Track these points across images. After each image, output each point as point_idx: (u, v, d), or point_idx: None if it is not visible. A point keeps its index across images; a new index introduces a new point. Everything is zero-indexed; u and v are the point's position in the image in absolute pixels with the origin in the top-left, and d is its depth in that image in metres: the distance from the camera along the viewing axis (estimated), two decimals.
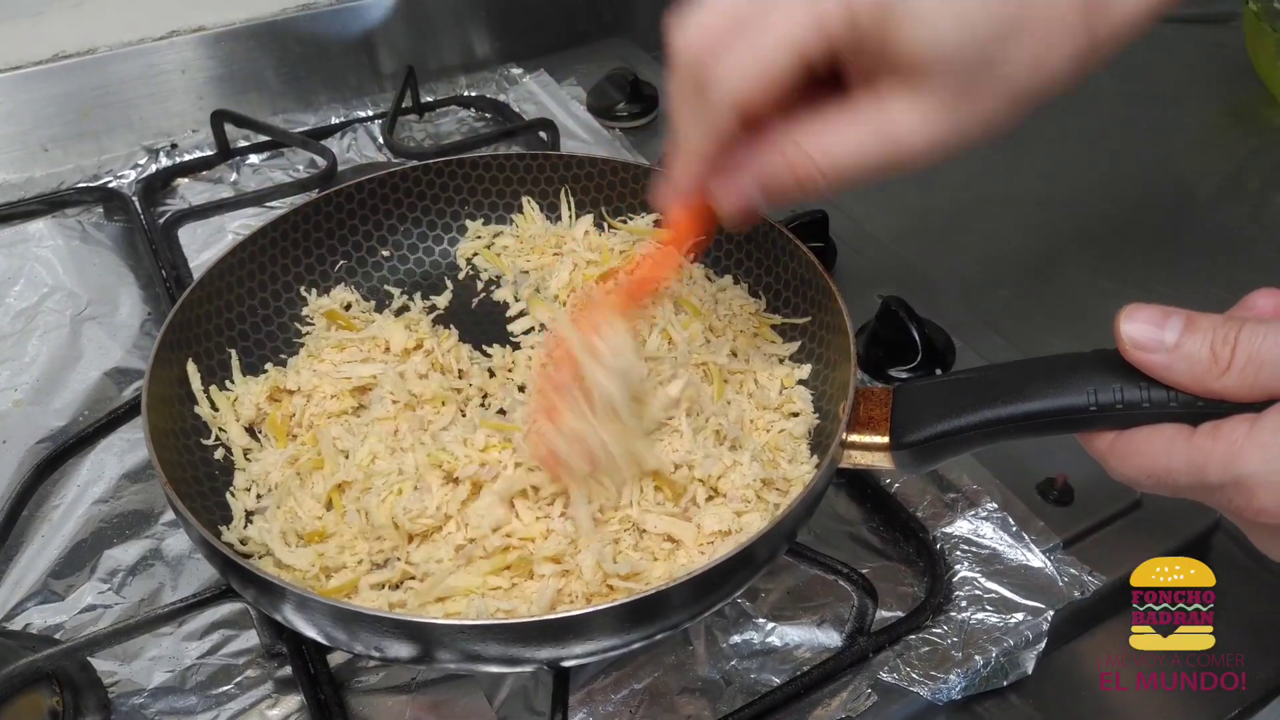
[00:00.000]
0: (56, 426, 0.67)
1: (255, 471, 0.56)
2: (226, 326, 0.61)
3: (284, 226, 0.64)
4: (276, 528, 0.52)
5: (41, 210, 0.86)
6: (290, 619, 0.45)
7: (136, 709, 0.53)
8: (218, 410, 0.58)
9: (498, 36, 1.06)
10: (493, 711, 0.53)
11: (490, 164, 0.71)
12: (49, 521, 0.62)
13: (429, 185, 0.70)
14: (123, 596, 0.58)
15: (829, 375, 0.59)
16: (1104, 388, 0.42)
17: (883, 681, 0.53)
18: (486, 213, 0.72)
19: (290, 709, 0.53)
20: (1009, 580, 0.57)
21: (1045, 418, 0.44)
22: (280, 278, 0.65)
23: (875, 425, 0.48)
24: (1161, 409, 0.41)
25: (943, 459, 0.48)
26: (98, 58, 0.92)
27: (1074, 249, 0.87)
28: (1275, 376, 0.38)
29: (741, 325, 0.62)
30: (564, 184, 0.71)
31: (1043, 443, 0.64)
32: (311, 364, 0.61)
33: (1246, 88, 1.06)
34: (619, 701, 0.53)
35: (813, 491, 0.47)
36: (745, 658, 0.55)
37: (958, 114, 0.41)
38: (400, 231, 0.70)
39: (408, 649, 0.43)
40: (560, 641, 0.43)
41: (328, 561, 0.50)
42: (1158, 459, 0.41)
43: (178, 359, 0.57)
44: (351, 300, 0.67)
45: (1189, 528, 0.61)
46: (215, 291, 0.61)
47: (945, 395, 0.47)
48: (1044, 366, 0.45)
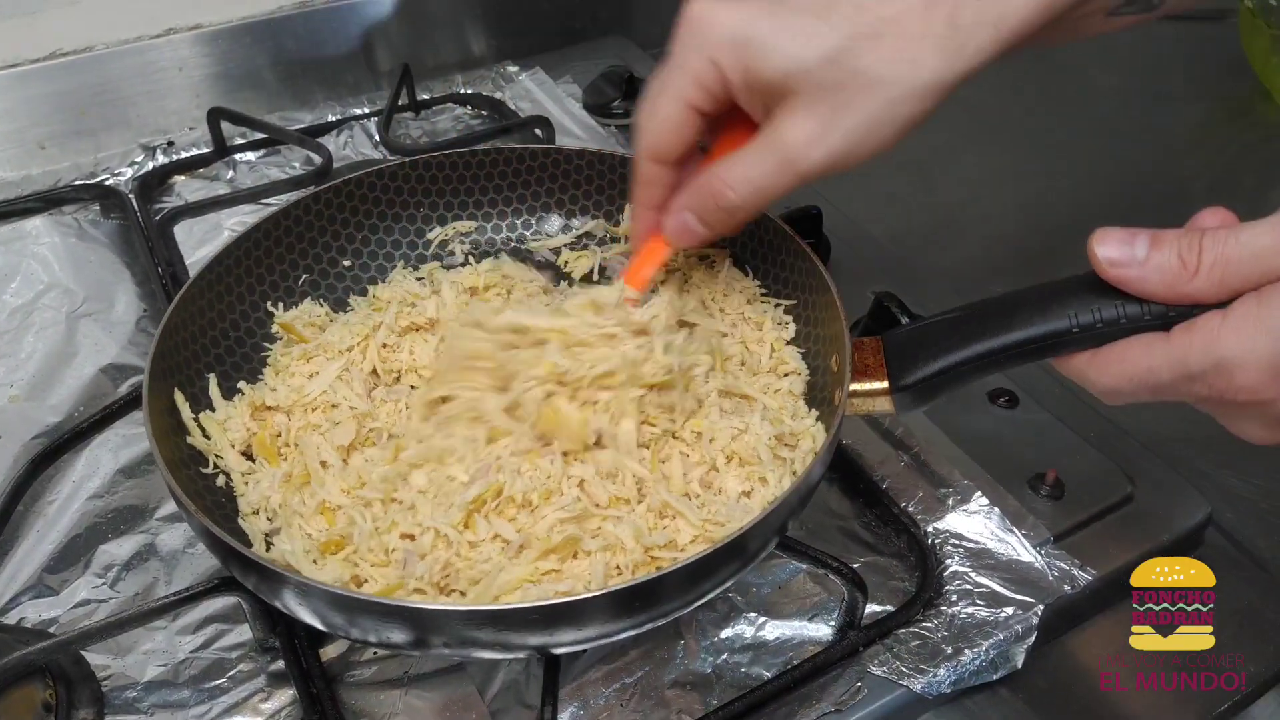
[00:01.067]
0: (52, 422, 0.68)
1: (254, 497, 0.54)
2: (203, 352, 0.59)
3: (245, 245, 0.62)
4: (297, 547, 0.51)
5: (38, 208, 0.86)
6: (290, 606, 0.45)
7: (130, 702, 0.53)
8: (209, 438, 0.56)
9: (494, 34, 1.07)
10: (484, 705, 0.53)
11: (470, 161, 0.70)
12: (44, 516, 0.62)
13: (384, 190, 0.68)
14: (117, 591, 0.59)
15: (815, 333, 0.60)
16: (1083, 310, 0.46)
17: (873, 675, 0.53)
18: (472, 210, 0.71)
19: (283, 703, 0.53)
20: (999, 575, 0.57)
21: (1032, 344, 0.48)
22: (247, 297, 0.63)
23: (873, 372, 0.51)
24: (1136, 322, 0.45)
25: (940, 395, 0.51)
26: (95, 55, 0.92)
27: (1068, 245, 0.86)
28: (1240, 274, 0.42)
29: (735, 299, 0.64)
30: (554, 180, 0.70)
31: (1034, 439, 0.65)
32: (283, 380, 0.60)
33: (1241, 84, 1.06)
34: (610, 695, 0.53)
35: (830, 442, 0.49)
36: (736, 652, 0.55)
37: (840, 123, 0.47)
38: (359, 240, 0.68)
39: (405, 634, 0.44)
40: (553, 628, 0.44)
41: (356, 571, 0.50)
42: (1139, 362, 0.45)
43: (164, 389, 0.55)
44: (321, 312, 0.65)
45: (1181, 521, 0.61)
46: (189, 317, 0.58)
47: (936, 335, 0.51)
48: (1024, 298, 0.49)
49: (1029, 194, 0.95)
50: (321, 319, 0.64)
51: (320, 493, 0.53)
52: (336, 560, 0.50)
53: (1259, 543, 0.62)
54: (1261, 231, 0.43)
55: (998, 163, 0.99)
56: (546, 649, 0.47)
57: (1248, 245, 0.42)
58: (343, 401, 0.58)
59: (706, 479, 0.53)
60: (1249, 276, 0.42)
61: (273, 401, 0.58)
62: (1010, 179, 0.97)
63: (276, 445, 0.57)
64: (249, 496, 0.54)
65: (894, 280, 0.75)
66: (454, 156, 0.69)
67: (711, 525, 0.50)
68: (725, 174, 0.50)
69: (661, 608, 0.45)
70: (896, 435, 0.65)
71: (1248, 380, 0.42)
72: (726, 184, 0.50)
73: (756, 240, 0.65)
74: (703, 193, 0.51)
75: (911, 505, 0.61)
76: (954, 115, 1.06)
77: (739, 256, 0.66)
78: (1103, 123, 1.03)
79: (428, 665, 0.55)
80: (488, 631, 0.43)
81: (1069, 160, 0.98)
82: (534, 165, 0.70)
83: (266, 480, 0.54)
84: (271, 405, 0.58)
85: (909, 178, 0.97)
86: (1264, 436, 0.46)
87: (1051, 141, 1.01)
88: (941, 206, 0.94)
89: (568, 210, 0.71)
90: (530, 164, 0.70)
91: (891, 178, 0.97)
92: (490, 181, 0.71)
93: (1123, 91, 1.08)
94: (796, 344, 0.61)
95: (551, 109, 0.98)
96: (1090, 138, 1.01)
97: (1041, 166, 0.98)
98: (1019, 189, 0.95)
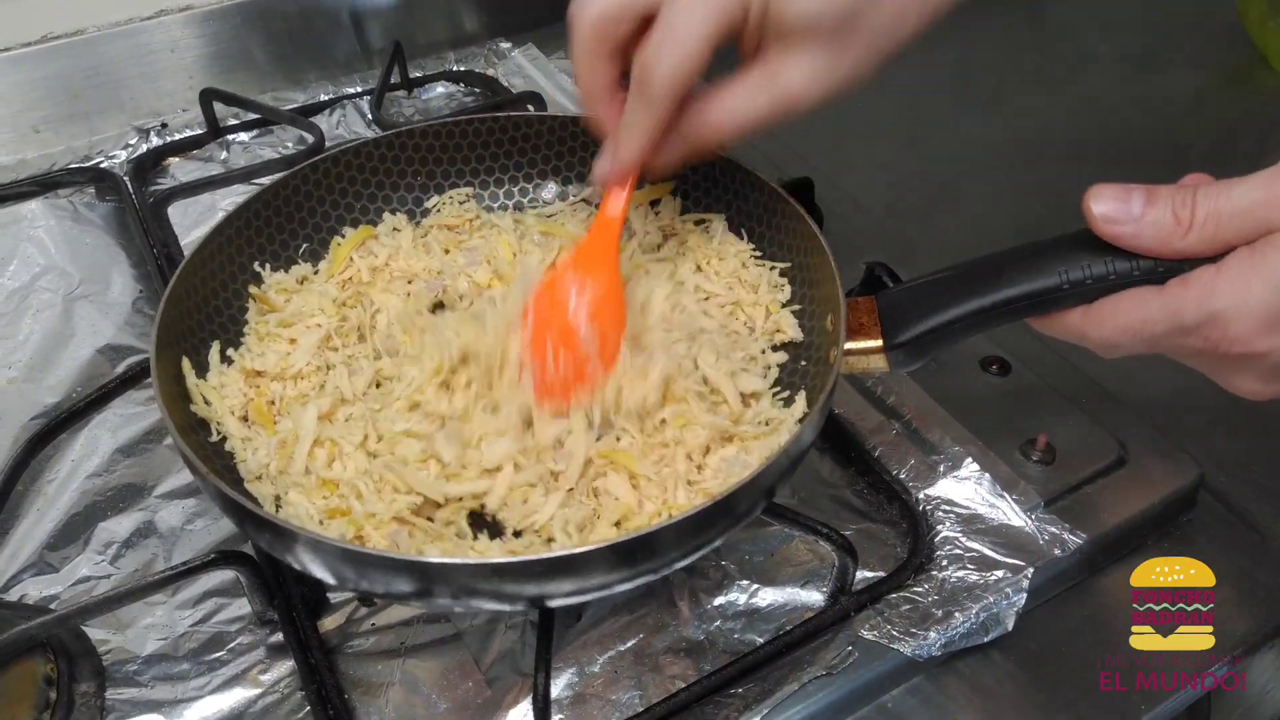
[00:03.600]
0: (50, 403, 0.68)
1: (254, 464, 0.55)
2: (207, 320, 0.60)
3: (246, 215, 0.63)
4: (301, 512, 0.52)
5: (34, 191, 0.86)
6: (304, 562, 0.46)
7: (130, 675, 0.54)
8: (210, 404, 0.57)
9: (486, 11, 1.06)
10: (481, 673, 0.54)
11: (467, 129, 0.70)
12: (44, 495, 0.63)
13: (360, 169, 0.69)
14: (117, 568, 0.59)
15: (810, 294, 0.61)
16: (1073, 266, 0.47)
17: (864, 639, 0.53)
18: (469, 178, 0.71)
19: (281, 674, 0.54)
20: (990, 539, 0.57)
21: (1023, 301, 0.49)
22: (248, 266, 0.63)
23: (867, 331, 0.53)
24: (1125, 278, 0.46)
25: (932, 353, 0.52)
26: (87, 38, 0.92)
27: (1063, 214, 0.86)
28: (1232, 229, 0.43)
29: (730, 262, 0.65)
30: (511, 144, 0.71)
31: (1025, 404, 0.65)
32: (268, 345, 0.60)
33: (1238, 51, 1.06)
34: (604, 662, 0.54)
35: (825, 400, 0.50)
36: (729, 618, 0.56)
37: (831, 68, 0.51)
38: (357, 209, 0.69)
39: (411, 585, 0.45)
40: (551, 580, 0.45)
41: (359, 530, 0.51)
42: (1132, 314, 0.46)
43: (172, 357, 0.56)
44: (290, 279, 0.65)
45: (1172, 485, 0.61)
46: (192, 287, 0.59)
47: (928, 294, 0.52)
48: (1015, 256, 0.50)
49: (1025, 162, 0.94)
50: (289, 284, 0.64)
51: (317, 471, 0.54)
52: (340, 522, 0.51)
53: (1251, 506, 0.63)
54: (1253, 186, 0.43)
55: (993, 131, 0.99)
56: (543, 600, 0.48)
57: (1240, 200, 0.43)
58: (329, 377, 0.59)
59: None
60: (1242, 230, 0.43)
61: (261, 366, 0.59)
62: (1005, 147, 0.96)
63: (271, 413, 0.57)
64: (250, 464, 0.55)
65: (886, 250, 0.75)
66: (449, 125, 0.70)
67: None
68: (721, 107, 0.52)
69: (654, 561, 0.46)
70: (888, 404, 0.65)
71: (1242, 331, 0.43)
72: (722, 117, 0.52)
73: (751, 203, 0.65)
74: (698, 125, 0.53)
75: (903, 472, 0.61)
76: (947, 83, 1.06)
77: (733, 220, 0.67)
78: (1100, 91, 1.02)
79: (424, 635, 0.55)
80: (490, 583, 0.44)
81: (1066, 128, 0.98)
82: (530, 133, 0.70)
83: (264, 448, 0.55)
84: (260, 370, 0.59)
85: (901, 146, 0.97)
86: (1258, 390, 0.46)
87: (1047, 110, 1.01)
88: (935, 175, 0.93)
89: (564, 177, 0.72)
90: (526, 131, 0.70)
91: (885, 148, 0.97)
92: (486, 150, 0.71)
93: (1120, 59, 1.08)
94: (792, 306, 0.62)
95: (544, 85, 0.98)
96: (1087, 106, 1.00)
97: (1037, 135, 0.97)
98: (1014, 157, 0.95)
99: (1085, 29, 1.12)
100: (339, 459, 0.54)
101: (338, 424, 0.56)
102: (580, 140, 0.70)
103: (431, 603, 0.49)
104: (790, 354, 0.61)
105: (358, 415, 0.56)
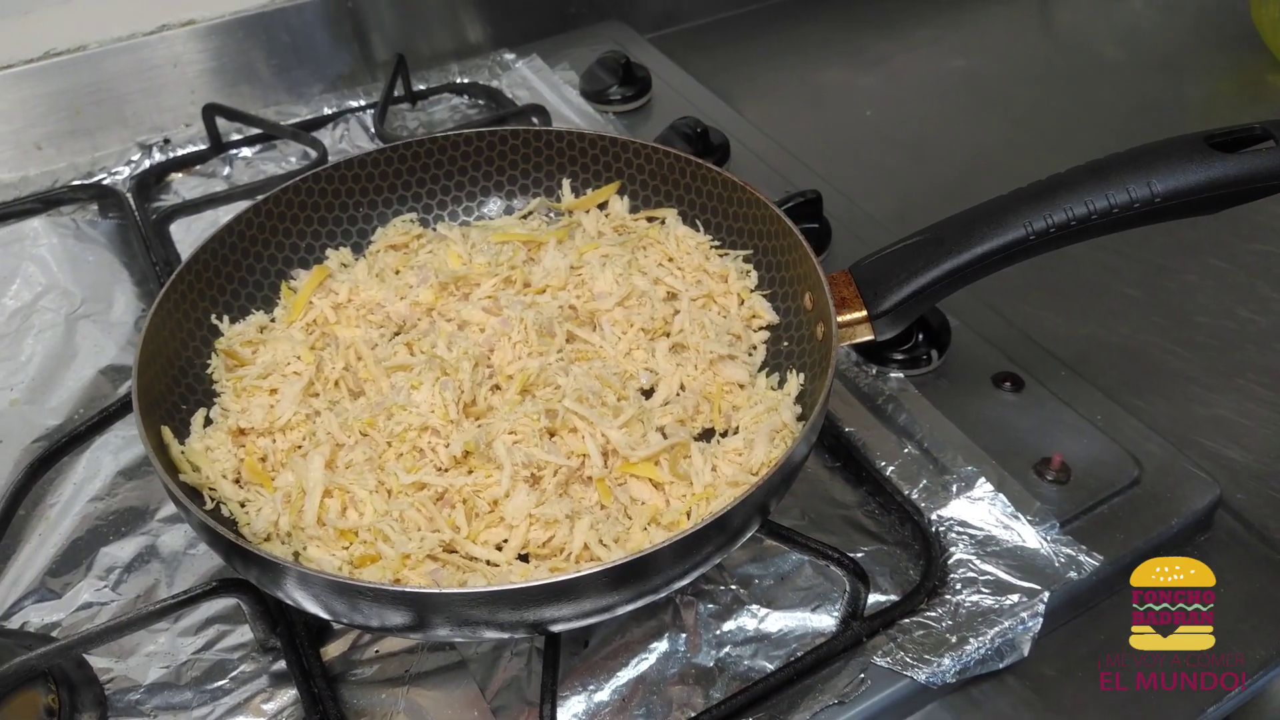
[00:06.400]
0: (52, 425, 0.68)
1: (259, 525, 0.53)
2: (174, 384, 0.58)
3: (195, 267, 0.62)
4: (327, 564, 0.50)
5: (37, 209, 0.86)
6: (293, 596, 0.45)
7: (132, 705, 0.53)
8: (200, 470, 0.55)
9: (489, 22, 1.06)
10: (486, 702, 0.53)
11: (447, 145, 0.70)
12: (45, 520, 0.62)
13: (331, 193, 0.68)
14: (119, 594, 0.59)
15: (780, 276, 0.62)
16: (1035, 217, 0.50)
17: (876, 666, 0.52)
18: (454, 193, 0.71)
19: (284, 703, 0.53)
20: (1005, 562, 0.56)
21: (995, 255, 0.52)
22: (204, 321, 0.62)
23: (850, 303, 0.54)
24: (1085, 222, 0.50)
25: (914, 316, 0.55)
26: (88, 54, 0.92)
27: None
28: None
29: (694, 256, 0.65)
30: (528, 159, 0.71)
31: (1039, 423, 0.64)
32: (248, 400, 0.58)
33: (1252, 55, 1.04)
34: (613, 690, 0.53)
35: (830, 379, 0.50)
36: (739, 644, 0.55)
37: None
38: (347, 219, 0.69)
39: (405, 617, 0.44)
40: (549, 605, 0.44)
41: (396, 574, 0.50)
42: None
43: (153, 426, 0.54)
44: (253, 329, 0.63)
45: (1189, 505, 0.60)
46: (157, 349, 0.57)
47: (902, 260, 0.54)
48: (978, 213, 0.53)
49: (1036, 171, 0.93)
50: (251, 334, 0.62)
51: (332, 522, 0.52)
52: (375, 569, 0.50)
53: (1270, 525, 0.61)
54: None
55: (1003, 140, 0.98)
56: (544, 625, 0.47)
57: None
58: (318, 424, 0.57)
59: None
60: None
61: (247, 424, 0.57)
62: (1017, 156, 0.95)
63: (265, 470, 0.56)
64: (255, 525, 0.53)
65: None
66: (440, 141, 0.70)
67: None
68: None
69: (651, 583, 0.46)
70: (900, 422, 0.65)
71: None
72: None
73: (705, 195, 0.66)
74: None
75: (915, 493, 0.60)
76: (953, 89, 1.05)
77: (686, 214, 0.67)
78: (1112, 97, 1.01)
79: (429, 663, 0.54)
80: (487, 611, 0.44)
81: (1078, 135, 0.97)
82: (519, 145, 0.71)
83: (268, 507, 0.53)
84: (245, 428, 0.57)
85: (910, 157, 0.96)
86: None
87: (1060, 116, 1.00)
88: (944, 186, 0.92)
89: (508, 191, 0.72)
90: (515, 144, 0.71)
91: (893, 158, 0.96)
92: (479, 170, 0.71)
93: (1133, 65, 1.07)
94: (761, 290, 0.63)
95: (548, 96, 0.97)
96: (1099, 112, 0.99)
97: (1049, 143, 0.96)
98: (1026, 166, 0.93)
99: (1096, 35, 1.11)
100: (351, 506, 0.53)
101: (339, 471, 0.55)
102: (568, 155, 0.70)
103: (430, 634, 0.48)
104: (770, 335, 0.61)
105: (359, 459, 0.55)
